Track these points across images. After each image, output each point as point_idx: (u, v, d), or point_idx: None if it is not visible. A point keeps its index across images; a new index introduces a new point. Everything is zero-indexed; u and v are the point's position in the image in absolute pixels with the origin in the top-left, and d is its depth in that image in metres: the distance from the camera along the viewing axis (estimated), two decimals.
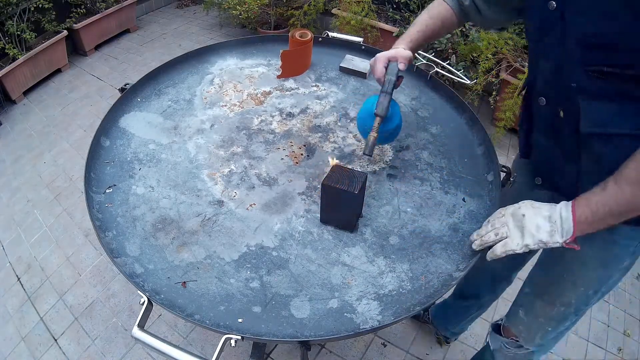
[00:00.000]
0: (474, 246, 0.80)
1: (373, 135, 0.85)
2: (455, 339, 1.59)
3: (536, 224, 0.70)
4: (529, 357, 1.08)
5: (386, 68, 0.90)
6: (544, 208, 0.72)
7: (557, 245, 0.69)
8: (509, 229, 0.73)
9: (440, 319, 1.54)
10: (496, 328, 1.14)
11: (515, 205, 0.75)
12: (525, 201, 0.75)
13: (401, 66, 0.89)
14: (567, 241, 0.68)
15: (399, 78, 0.90)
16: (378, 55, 0.91)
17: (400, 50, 0.91)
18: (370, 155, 0.85)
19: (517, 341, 1.06)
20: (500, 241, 0.74)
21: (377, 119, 0.86)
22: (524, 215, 0.72)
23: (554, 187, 0.87)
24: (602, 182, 0.66)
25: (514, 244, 0.72)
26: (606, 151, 0.70)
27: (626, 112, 0.66)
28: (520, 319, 1.03)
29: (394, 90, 0.89)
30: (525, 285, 1.03)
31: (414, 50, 0.94)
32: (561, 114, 0.74)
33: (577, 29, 0.66)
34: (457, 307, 1.42)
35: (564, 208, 0.69)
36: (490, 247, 0.77)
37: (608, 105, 0.67)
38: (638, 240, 0.79)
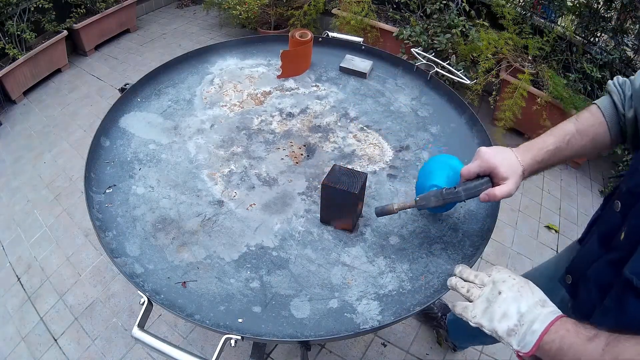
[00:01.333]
0: (448, 281, 0.71)
1: (395, 204, 0.78)
2: (463, 349, 1.57)
3: (504, 312, 0.58)
4: None
5: (480, 176, 0.74)
6: (527, 302, 0.58)
7: (511, 347, 0.58)
8: (480, 296, 0.62)
9: (454, 331, 1.50)
10: None
11: (507, 275, 0.63)
12: (521, 279, 0.62)
13: (482, 196, 0.72)
14: (521, 353, 0.56)
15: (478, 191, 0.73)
16: (483, 149, 0.74)
17: (515, 165, 0.71)
18: (377, 215, 0.80)
19: None
20: (466, 300, 0.65)
21: (412, 202, 0.78)
22: (500, 292, 0.60)
23: (574, 294, 0.75)
24: (595, 331, 0.52)
25: (471, 315, 0.62)
26: (633, 306, 0.57)
27: None
28: None
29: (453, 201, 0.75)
30: None
31: (535, 169, 0.73)
32: (622, 234, 0.61)
33: None
34: (477, 334, 1.35)
35: (540, 320, 0.55)
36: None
37: None
38: None
